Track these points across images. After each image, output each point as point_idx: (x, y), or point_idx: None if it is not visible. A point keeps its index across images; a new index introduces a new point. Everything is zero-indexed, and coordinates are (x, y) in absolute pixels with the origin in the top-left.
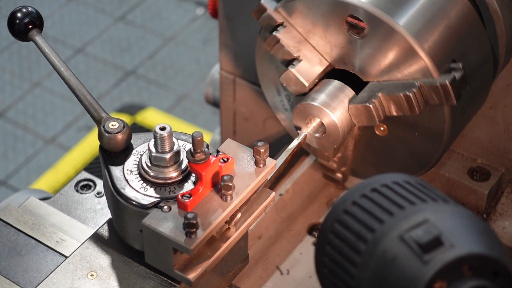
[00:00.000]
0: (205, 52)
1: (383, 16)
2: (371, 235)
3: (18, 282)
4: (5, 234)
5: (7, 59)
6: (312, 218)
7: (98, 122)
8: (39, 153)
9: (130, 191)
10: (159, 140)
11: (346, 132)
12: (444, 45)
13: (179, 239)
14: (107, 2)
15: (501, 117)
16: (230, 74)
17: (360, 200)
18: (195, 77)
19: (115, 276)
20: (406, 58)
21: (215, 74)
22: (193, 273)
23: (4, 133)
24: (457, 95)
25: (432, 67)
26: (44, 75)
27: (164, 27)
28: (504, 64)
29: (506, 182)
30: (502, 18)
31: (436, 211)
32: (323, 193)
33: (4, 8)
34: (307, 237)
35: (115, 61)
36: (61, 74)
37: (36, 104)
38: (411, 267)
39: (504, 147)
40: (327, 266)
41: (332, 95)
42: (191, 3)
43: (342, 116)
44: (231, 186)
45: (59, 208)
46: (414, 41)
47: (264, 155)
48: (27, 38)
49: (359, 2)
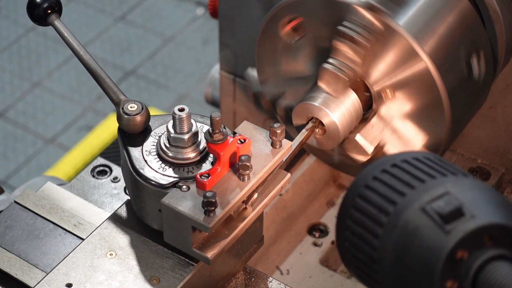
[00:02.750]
0: (205, 52)
1: (383, 17)
2: (393, 207)
3: (37, 264)
4: (23, 218)
5: (7, 59)
6: (312, 218)
7: (117, 105)
8: (39, 153)
9: (149, 171)
10: (178, 121)
11: (346, 132)
12: (445, 46)
13: (198, 217)
14: (107, 2)
15: (501, 117)
16: (230, 74)
17: (381, 175)
18: (195, 77)
19: (134, 255)
20: (407, 59)
21: (215, 74)
22: (212, 252)
23: (4, 133)
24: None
25: (433, 69)
26: (44, 75)
27: (164, 27)
28: (504, 64)
29: (506, 182)
30: (502, 18)
31: (456, 184)
32: (323, 193)
33: (4, 8)
34: (307, 237)
35: (115, 61)
36: (80, 58)
37: (36, 104)
38: (433, 237)
39: (504, 147)
40: (349, 240)
41: (333, 95)
42: (191, 3)
43: (342, 116)
44: (249, 165)
45: (75, 193)
46: (415, 42)
47: (280, 136)
48: (46, 22)
49: (359, 2)
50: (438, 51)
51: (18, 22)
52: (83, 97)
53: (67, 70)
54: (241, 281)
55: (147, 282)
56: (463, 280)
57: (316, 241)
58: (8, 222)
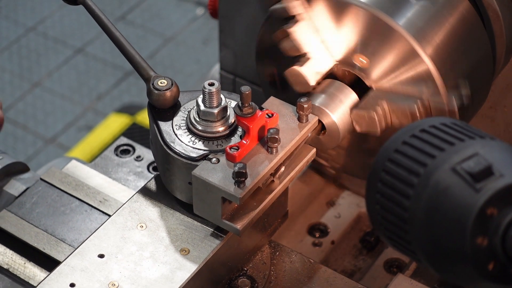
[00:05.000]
0: (205, 52)
1: (384, 17)
2: (423, 169)
3: (64, 239)
4: (50, 194)
5: (7, 59)
6: (312, 218)
7: (147, 80)
8: (39, 153)
9: (180, 144)
10: (208, 95)
11: (346, 132)
12: (445, 46)
13: (228, 188)
14: (107, 2)
15: (501, 117)
16: (230, 74)
17: (410, 139)
18: (195, 77)
19: (164, 227)
20: (408, 60)
21: (215, 74)
22: (241, 223)
23: (4, 133)
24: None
25: (433, 70)
26: (44, 75)
27: (164, 27)
28: (504, 64)
29: None
30: (502, 18)
31: (484, 145)
32: (323, 193)
33: (4, 8)
34: (307, 237)
35: (115, 61)
36: (111, 35)
37: (36, 104)
38: (464, 195)
39: None
40: (379, 202)
41: (333, 95)
42: (191, 3)
43: (342, 116)
44: (277, 138)
45: (99, 171)
46: (416, 43)
47: (307, 110)
48: (76, 2)
49: (360, 2)
50: (439, 52)
51: (18, 22)
52: (83, 97)
53: (67, 70)
54: (267, 254)
55: (178, 252)
56: (493, 236)
57: (316, 241)
58: (34, 199)
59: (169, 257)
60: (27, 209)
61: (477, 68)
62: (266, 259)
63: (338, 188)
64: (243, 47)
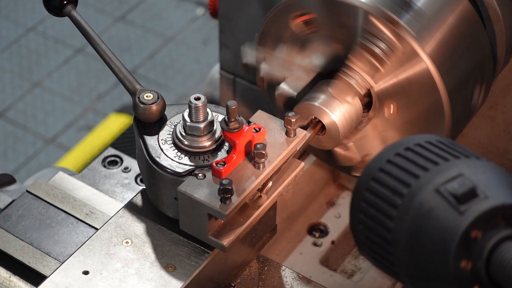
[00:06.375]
0: (205, 52)
1: (383, 17)
2: (407, 189)
3: (50, 252)
4: (36, 207)
5: (7, 59)
6: (312, 218)
7: (133, 94)
8: (39, 153)
9: (165, 159)
10: (194, 109)
11: (346, 132)
12: (445, 46)
13: (214, 205)
14: (107, 2)
15: (501, 117)
16: (230, 74)
17: (395, 158)
18: (195, 77)
19: (150, 243)
20: (407, 59)
21: (215, 74)
22: (227, 239)
23: (4, 133)
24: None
25: (433, 69)
26: (44, 75)
27: (164, 27)
28: (504, 64)
29: None
30: (502, 18)
31: (469, 166)
32: (323, 193)
33: (4, 8)
34: (307, 237)
35: None
36: (96, 48)
37: (36, 104)
38: (448, 217)
39: (504, 147)
40: (363, 222)
41: (333, 96)
42: (191, 3)
43: (342, 116)
44: (264, 154)
45: (87, 182)
46: (416, 42)
47: (295, 125)
48: (62, 13)
49: (359, 2)
50: (439, 51)
51: (18, 22)
52: (83, 97)
53: (67, 70)
54: (255, 270)
55: (163, 269)
56: (477, 260)
57: (316, 241)
58: (20, 211)
59: (155, 274)
60: (12, 222)
61: (477, 68)
62: (254, 274)
63: (338, 188)
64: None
